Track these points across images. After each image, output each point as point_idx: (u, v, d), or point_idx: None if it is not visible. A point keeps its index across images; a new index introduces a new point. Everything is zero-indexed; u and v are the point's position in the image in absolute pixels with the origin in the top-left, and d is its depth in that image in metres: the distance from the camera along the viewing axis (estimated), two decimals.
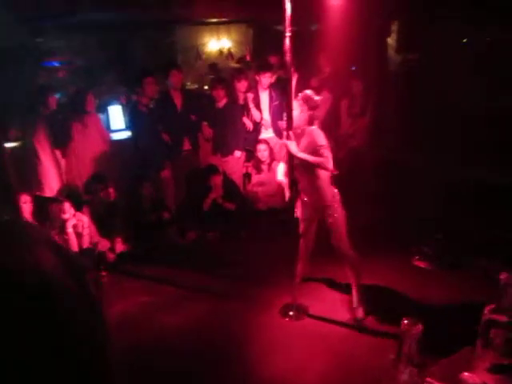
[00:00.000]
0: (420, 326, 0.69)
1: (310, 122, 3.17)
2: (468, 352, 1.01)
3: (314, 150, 3.07)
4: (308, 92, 3.16)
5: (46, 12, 5.35)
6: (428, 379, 0.79)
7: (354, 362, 2.89)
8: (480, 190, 4.53)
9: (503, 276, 0.92)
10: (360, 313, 3.35)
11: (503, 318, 0.92)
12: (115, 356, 0.40)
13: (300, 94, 3.14)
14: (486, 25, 5.29)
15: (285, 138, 3.17)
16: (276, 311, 3.48)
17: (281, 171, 3.54)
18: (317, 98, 3.18)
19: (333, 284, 3.77)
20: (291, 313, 3.43)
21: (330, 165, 3.09)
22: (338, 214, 3.22)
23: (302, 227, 3.34)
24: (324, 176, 3.18)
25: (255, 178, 5.29)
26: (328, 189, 3.22)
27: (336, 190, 3.25)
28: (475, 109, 5.50)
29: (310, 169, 3.15)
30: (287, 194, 3.32)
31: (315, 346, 3.09)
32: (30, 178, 4.40)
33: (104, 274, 4.10)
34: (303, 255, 3.44)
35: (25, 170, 4.37)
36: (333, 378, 2.79)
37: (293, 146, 3.10)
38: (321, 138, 3.10)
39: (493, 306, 0.96)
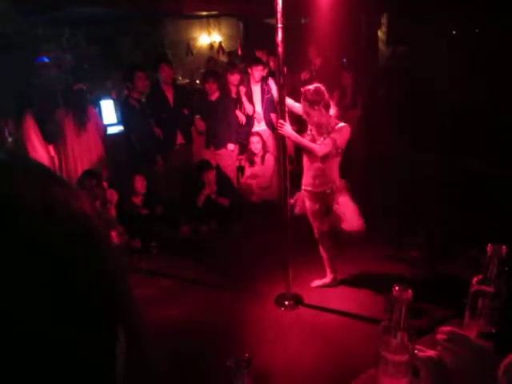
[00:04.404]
0: (410, 292, 0.73)
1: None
2: (457, 323, 1.06)
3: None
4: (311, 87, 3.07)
5: (34, 5, 5.32)
6: (418, 346, 0.83)
7: (349, 349, 2.93)
8: (470, 180, 4.60)
9: (489, 248, 0.97)
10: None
11: (490, 289, 0.96)
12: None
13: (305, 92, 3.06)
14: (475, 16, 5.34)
15: (279, 124, 3.13)
16: (271, 301, 3.52)
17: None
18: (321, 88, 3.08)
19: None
20: (286, 302, 3.47)
21: (320, 153, 3.09)
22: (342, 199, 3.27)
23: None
24: (332, 161, 3.18)
25: (248, 171, 5.32)
26: (335, 175, 3.24)
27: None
28: (465, 101, 5.56)
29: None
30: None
31: (311, 335, 3.13)
32: None
33: None
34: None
35: None
36: (328, 366, 2.83)
37: (288, 128, 3.10)
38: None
39: (480, 277, 1.00)
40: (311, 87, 3.05)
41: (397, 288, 0.73)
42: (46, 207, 0.33)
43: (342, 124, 3.09)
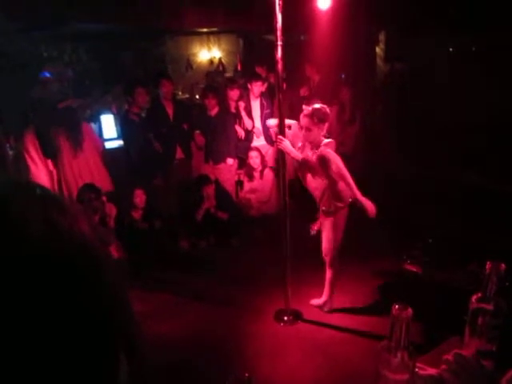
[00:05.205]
0: (410, 311, 0.74)
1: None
2: (457, 340, 1.06)
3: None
4: (316, 106, 3.15)
5: (35, 22, 5.38)
6: (419, 364, 0.83)
7: (348, 364, 2.92)
8: (469, 194, 4.62)
9: (488, 265, 0.97)
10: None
11: (489, 306, 0.97)
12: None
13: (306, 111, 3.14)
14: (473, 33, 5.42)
15: (278, 140, 3.19)
16: (270, 317, 3.50)
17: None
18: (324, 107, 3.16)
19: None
20: (286, 318, 3.45)
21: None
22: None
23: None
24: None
25: (247, 186, 5.33)
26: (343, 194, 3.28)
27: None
28: (462, 115, 5.61)
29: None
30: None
31: (310, 351, 3.11)
32: None
33: None
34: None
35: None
36: (328, 382, 2.81)
37: (287, 143, 3.17)
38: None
39: (479, 295, 1.01)
40: (320, 106, 3.15)
41: (396, 307, 0.73)
42: (47, 230, 0.35)
43: (328, 140, 3.25)
